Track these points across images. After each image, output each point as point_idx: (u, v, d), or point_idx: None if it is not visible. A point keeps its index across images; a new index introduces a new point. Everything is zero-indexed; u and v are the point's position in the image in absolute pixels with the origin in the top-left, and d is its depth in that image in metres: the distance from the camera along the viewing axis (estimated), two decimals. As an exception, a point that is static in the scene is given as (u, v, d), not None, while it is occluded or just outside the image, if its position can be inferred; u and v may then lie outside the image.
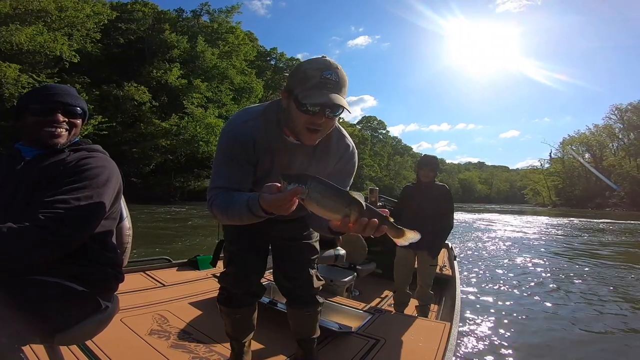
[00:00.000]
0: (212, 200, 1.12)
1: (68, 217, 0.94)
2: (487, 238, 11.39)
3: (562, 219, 23.46)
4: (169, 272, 2.79)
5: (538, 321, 3.68)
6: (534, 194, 67.73)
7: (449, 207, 2.71)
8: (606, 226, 17.19)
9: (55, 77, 19.64)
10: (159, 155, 26.45)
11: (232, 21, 34.91)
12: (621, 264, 7.01)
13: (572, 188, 55.75)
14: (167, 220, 12.72)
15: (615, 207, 43.44)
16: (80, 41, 20.89)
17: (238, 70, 32.66)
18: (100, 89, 23.61)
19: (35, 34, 17.27)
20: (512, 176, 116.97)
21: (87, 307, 1.07)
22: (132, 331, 1.74)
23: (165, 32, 28.97)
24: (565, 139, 60.06)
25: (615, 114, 53.88)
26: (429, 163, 2.73)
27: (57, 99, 1.10)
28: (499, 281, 5.36)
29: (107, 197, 1.07)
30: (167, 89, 27.43)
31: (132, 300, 2.09)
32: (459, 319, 2.30)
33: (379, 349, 1.80)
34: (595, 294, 4.80)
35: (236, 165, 1.17)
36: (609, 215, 28.75)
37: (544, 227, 16.20)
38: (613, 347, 3.14)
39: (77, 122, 1.16)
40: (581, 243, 10.62)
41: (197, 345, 1.70)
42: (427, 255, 2.70)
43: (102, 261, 1.12)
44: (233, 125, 1.20)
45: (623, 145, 53.00)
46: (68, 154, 1.10)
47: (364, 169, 64.56)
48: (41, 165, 1.06)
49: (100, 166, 1.09)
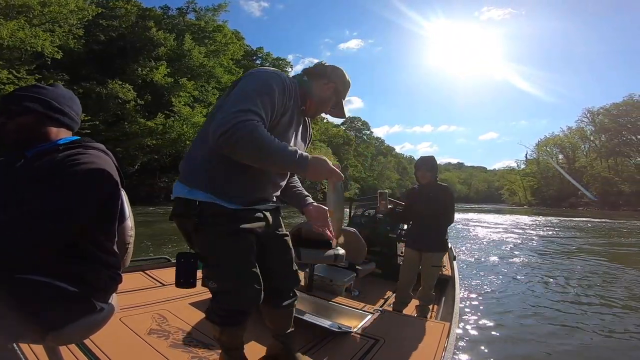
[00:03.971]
0: (252, 127, 1.02)
1: (37, 217, 0.91)
2: (475, 237, 11.61)
3: (540, 217, 24.12)
4: (169, 272, 2.75)
5: (537, 320, 3.73)
6: (510, 194, 69.39)
7: (448, 205, 2.72)
8: (584, 225, 17.80)
9: (36, 73, 18.91)
10: (143, 154, 25.87)
11: (219, 20, 34.58)
12: (622, 265, 7.08)
13: (546, 188, 57.62)
14: (156, 221, 12.54)
15: (587, 206, 45.26)
16: (63, 37, 20.16)
17: (225, 69, 32.37)
18: (82, 86, 22.86)
19: (17, 29, 16.54)
20: (490, 177, 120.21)
21: (79, 308, 1.05)
22: (131, 331, 1.74)
23: (152, 30, 28.35)
24: (541, 141, 62.26)
25: (588, 117, 56.03)
26: (425, 163, 2.77)
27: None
28: (495, 281, 5.43)
29: (95, 191, 1.03)
30: (152, 87, 26.82)
31: (131, 300, 2.09)
32: (459, 319, 2.31)
33: (379, 348, 1.80)
34: (597, 294, 4.83)
35: (270, 102, 1.14)
36: (584, 214, 29.66)
37: (528, 226, 16.63)
38: (615, 348, 3.12)
39: (24, 120, 1.08)
40: (564, 241, 10.99)
41: (196, 345, 1.68)
42: (430, 256, 2.72)
43: (97, 262, 1.10)
44: (280, 73, 1.26)
45: (594, 147, 55.21)
46: (63, 151, 1.06)
47: (349, 169, 64.92)
48: (38, 162, 1.04)
49: (90, 162, 1.02)
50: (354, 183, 66.19)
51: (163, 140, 26.02)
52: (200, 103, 29.29)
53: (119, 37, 28.65)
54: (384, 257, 3.72)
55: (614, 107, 51.94)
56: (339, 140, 65.23)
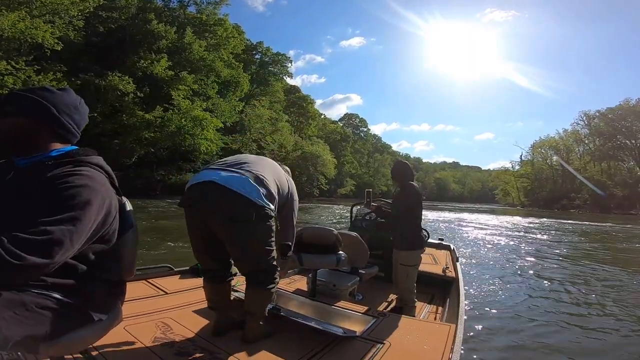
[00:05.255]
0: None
1: (32, 244, 0.84)
2: (473, 238, 11.65)
3: (535, 219, 24.24)
4: (171, 280, 2.76)
5: (542, 322, 3.76)
6: (504, 195, 69.53)
7: (412, 203, 2.87)
8: (578, 227, 17.87)
9: (35, 65, 18.77)
10: (140, 147, 25.76)
11: (220, 13, 34.32)
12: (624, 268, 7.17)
13: (540, 190, 57.91)
14: (157, 217, 12.58)
15: (579, 208, 45.69)
16: (63, 29, 19.99)
17: (225, 64, 32.20)
18: (82, 78, 22.65)
19: (18, 20, 16.39)
20: (484, 176, 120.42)
21: (74, 320, 1.04)
22: (135, 339, 1.74)
23: (153, 22, 28.06)
24: (536, 142, 62.34)
25: (583, 120, 56.31)
26: (392, 175, 3.00)
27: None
28: (497, 281, 5.48)
29: (87, 220, 0.95)
30: (150, 80, 26.61)
31: (135, 308, 2.08)
32: (464, 320, 2.31)
33: (384, 352, 1.78)
34: (602, 296, 4.86)
35: None
36: (577, 217, 29.75)
37: (524, 228, 16.70)
38: (619, 349, 3.15)
39: (6, 121, 1.03)
40: (562, 243, 10.98)
41: (201, 352, 1.68)
42: (398, 253, 2.88)
43: (93, 275, 1.08)
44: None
45: (588, 150, 55.59)
46: (53, 167, 1.01)
47: (345, 165, 65.14)
48: (27, 176, 1.00)
49: (81, 185, 0.97)
50: (350, 180, 66.46)
51: (162, 133, 25.90)
52: (200, 97, 29.15)
53: (118, 29, 28.30)
54: (386, 261, 3.62)
55: (610, 111, 52.26)
56: (336, 137, 65.29)
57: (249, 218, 1.63)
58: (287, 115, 47.33)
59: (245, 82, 34.47)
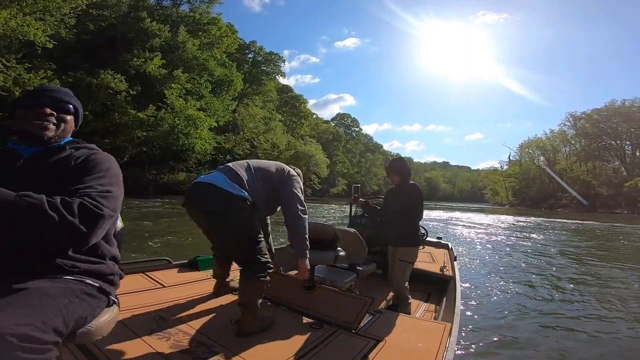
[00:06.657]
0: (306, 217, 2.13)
1: (102, 200, 0.95)
2: (466, 236, 11.82)
3: (523, 217, 24.68)
4: (169, 273, 2.74)
5: (537, 320, 3.81)
6: (493, 194, 70.47)
7: (413, 203, 2.88)
8: (565, 225, 18.15)
9: (25, 62, 18.48)
10: (132, 147, 25.46)
11: (213, 12, 34.13)
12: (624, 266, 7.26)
13: (527, 189, 59.04)
14: (148, 216, 12.54)
15: (566, 207, 46.72)
16: (54, 26, 19.69)
17: (219, 63, 32.03)
18: (73, 76, 22.33)
19: (10, 18, 16.12)
20: (474, 176, 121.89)
21: (101, 304, 1.07)
22: (132, 332, 1.73)
23: (146, 21, 27.77)
24: (524, 143, 63.51)
25: (570, 121, 57.57)
26: (393, 168, 2.97)
27: (45, 94, 1.14)
28: (493, 280, 5.55)
29: (122, 188, 1.10)
30: (142, 79, 26.33)
31: (132, 301, 2.07)
32: (460, 319, 2.32)
33: (380, 349, 1.79)
34: (598, 292, 4.94)
35: None
36: (564, 215, 30.28)
37: (513, 226, 16.99)
38: (617, 349, 3.18)
39: (67, 118, 1.18)
40: (551, 241, 11.20)
41: (197, 346, 1.68)
42: (399, 250, 2.90)
43: (108, 257, 1.14)
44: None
45: (575, 150, 56.86)
46: (71, 150, 1.12)
47: (337, 165, 65.37)
48: (47, 162, 1.06)
49: (108, 160, 1.13)
50: (342, 179, 66.69)
51: (155, 132, 25.63)
52: (193, 96, 28.96)
53: (109, 27, 27.93)
54: (384, 258, 3.58)
55: (596, 112, 53.44)
56: (328, 136, 65.49)
57: (227, 208, 1.85)
58: (280, 115, 47.34)
59: (239, 81, 34.30)
